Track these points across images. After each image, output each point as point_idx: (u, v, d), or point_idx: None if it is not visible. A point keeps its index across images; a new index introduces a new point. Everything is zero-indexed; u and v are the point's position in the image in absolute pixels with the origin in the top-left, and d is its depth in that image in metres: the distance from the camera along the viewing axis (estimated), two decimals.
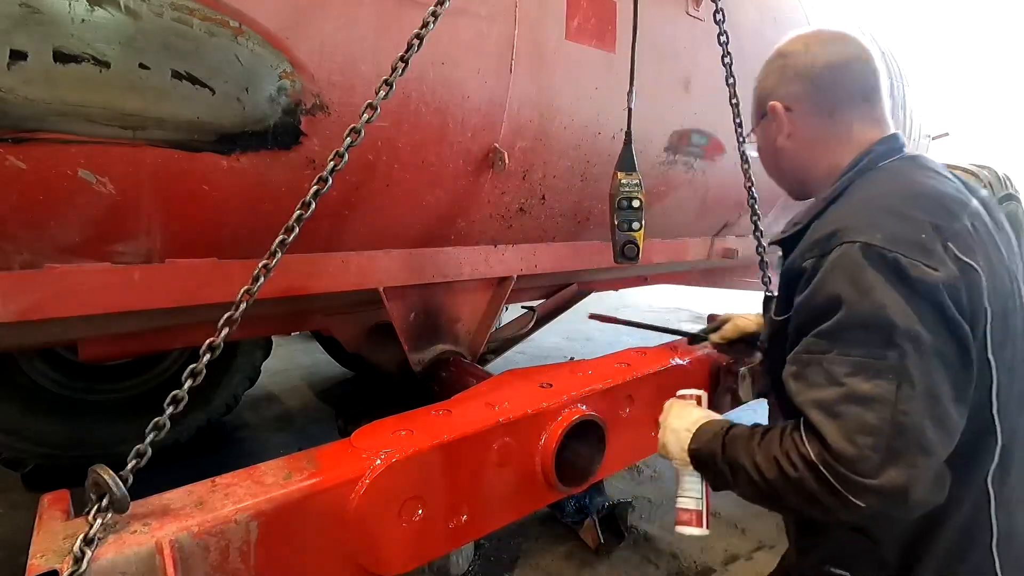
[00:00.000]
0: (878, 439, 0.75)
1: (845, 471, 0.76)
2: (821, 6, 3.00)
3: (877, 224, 0.84)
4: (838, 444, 0.77)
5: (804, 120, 1.04)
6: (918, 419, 0.76)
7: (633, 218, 1.57)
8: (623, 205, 1.56)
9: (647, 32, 1.87)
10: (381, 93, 1.09)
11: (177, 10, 1.01)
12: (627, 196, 1.57)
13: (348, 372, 4.30)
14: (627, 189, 1.57)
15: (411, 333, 1.90)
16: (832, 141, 1.04)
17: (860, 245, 0.81)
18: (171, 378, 2.96)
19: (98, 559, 0.79)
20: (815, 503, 0.81)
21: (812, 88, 1.02)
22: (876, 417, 0.76)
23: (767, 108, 1.06)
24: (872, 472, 0.75)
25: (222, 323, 0.99)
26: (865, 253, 0.81)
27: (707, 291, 5.53)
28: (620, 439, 1.54)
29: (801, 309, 0.89)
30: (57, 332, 1.46)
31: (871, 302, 0.79)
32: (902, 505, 0.77)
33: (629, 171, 1.58)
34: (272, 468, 1.04)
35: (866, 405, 0.77)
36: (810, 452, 0.80)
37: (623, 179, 1.57)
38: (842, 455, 0.76)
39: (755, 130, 1.14)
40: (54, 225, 1.11)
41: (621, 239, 1.58)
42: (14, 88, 0.91)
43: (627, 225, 1.58)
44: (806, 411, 0.83)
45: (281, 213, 1.13)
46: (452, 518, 1.22)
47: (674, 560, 2.27)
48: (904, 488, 0.75)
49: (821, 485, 0.79)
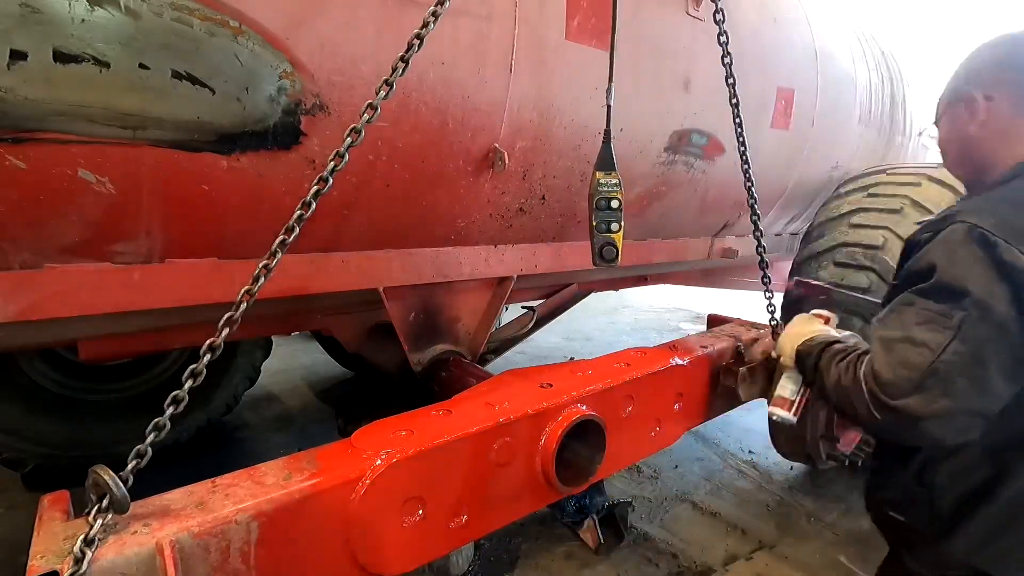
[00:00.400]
0: (912, 374, 0.92)
1: (877, 390, 0.96)
2: (821, 6, 3.00)
3: (994, 212, 0.94)
4: (881, 369, 0.96)
5: (1001, 111, 1.07)
6: (953, 371, 0.89)
7: (612, 219, 1.54)
8: (602, 205, 1.53)
9: (647, 32, 1.87)
10: (382, 93, 1.09)
11: (177, 10, 1.01)
12: (606, 196, 1.53)
13: (348, 372, 4.29)
14: (606, 189, 1.54)
15: (411, 333, 1.90)
16: (1021, 136, 1.07)
17: (968, 226, 0.93)
18: (171, 378, 2.96)
19: (98, 560, 0.79)
20: (851, 408, 1.04)
21: (1017, 82, 1.06)
22: (918, 357, 0.92)
23: (963, 95, 1.11)
24: (896, 396, 0.93)
25: (222, 323, 0.98)
26: (970, 232, 0.92)
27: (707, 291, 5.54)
28: (620, 439, 1.53)
29: (904, 273, 1.06)
30: (57, 332, 1.46)
31: (958, 272, 0.92)
32: (910, 429, 0.94)
33: (608, 171, 1.55)
34: (272, 468, 1.04)
35: (916, 347, 0.93)
36: (861, 371, 1.02)
37: (601, 179, 1.54)
38: (880, 378, 0.96)
39: (943, 116, 1.18)
40: (54, 225, 1.11)
41: (600, 241, 1.55)
42: (14, 88, 0.91)
43: (605, 226, 1.55)
44: (872, 343, 1.03)
45: (281, 213, 1.13)
46: (452, 518, 1.22)
47: (674, 560, 2.27)
48: (916, 417, 0.91)
49: (858, 396, 1.00)
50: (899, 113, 3.67)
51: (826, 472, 2.85)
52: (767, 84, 2.43)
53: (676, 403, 1.75)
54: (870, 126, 3.32)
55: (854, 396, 1.02)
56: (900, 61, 3.88)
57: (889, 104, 3.52)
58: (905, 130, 3.79)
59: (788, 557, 2.29)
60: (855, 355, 1.10)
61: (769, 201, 2.94)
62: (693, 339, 1.95)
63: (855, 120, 3.15)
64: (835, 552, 2.33)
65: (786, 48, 2.53)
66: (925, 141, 4.06)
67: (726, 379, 1.90)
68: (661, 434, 1.72)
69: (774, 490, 2.81)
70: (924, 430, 0.92)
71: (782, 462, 3.02)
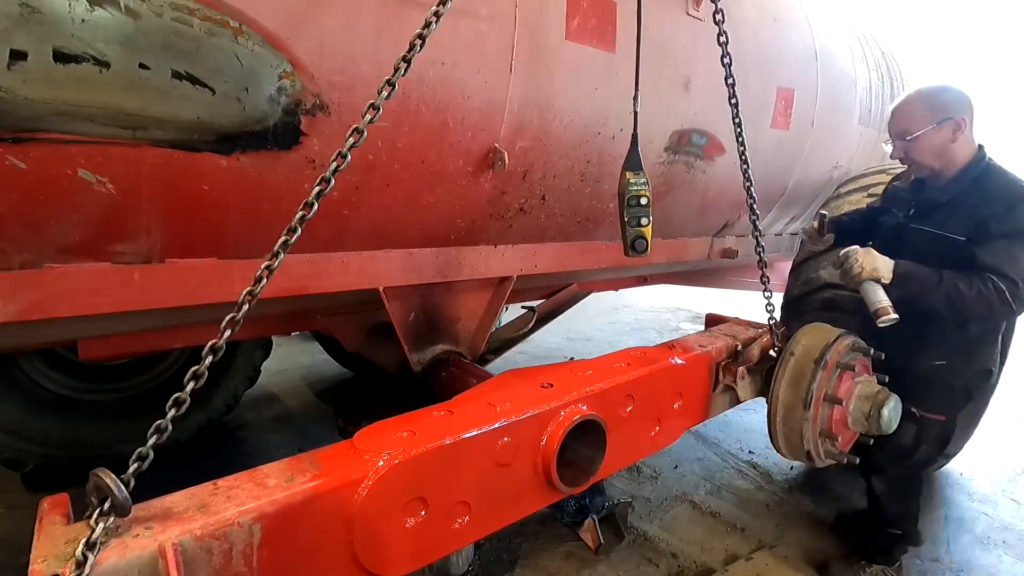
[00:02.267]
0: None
1: (1012, 291, 1.65)
2: (821, 6, 3.00)
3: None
4: (1015, 281, 1.65)
5: (967, 132, 1.80)
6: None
7: (641, 214, 1.68)
8: (632, 203, 1.67)
9: (647, 32, 1.87)
10: (384, 93, 1.09)
11: (177, 10, 1.01)
12: (635, 194, 1.67)
13: (348, 372, 4.29)
14: (635, 188, 1.67)
15: (411, 333, 1.89)
16: (968, 147, 1.83)
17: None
18: (171, 378, 2.95)
19: (101, 563, 0.79)
20: (983, 308, 1.68)
21: (972, 115, 1.80)
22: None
23: (954, 118, 1.77)
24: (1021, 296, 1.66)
25: (224, 324, 0.98)
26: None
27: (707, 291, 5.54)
28: (620, 439, 1.54)
29: (994, 231, 1.70)
30: (57, 332, 1.46)
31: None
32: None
33: (636, 170, 1.68)
34: (274, 470, 1.04)
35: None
36: (1000, 283, 1.65)
37: (631, 178, 1.67)
38: (1014, 282, 1.65)
39: (926, 131, 1.79)
40: (54, 225, 1.10)
41: (632, 234, 1.69)
42: (14, 88, 0.91)
43: (636, 221, 1.68)
44: (1004, 269, 1.66)
45: (281, 213, 1.13)
46: (454, 519, 1.22)
47: (674, 560, 2.27)
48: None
49: (1000, 298, 1.65)
50: None
51: (825, 472, 2.86)
52: (767, 84, 2.43)
53: (676, 403, 1.75)
54: (870, 126, 3.33)
55: (993, 300, 1.64)
56: (900, 61, 3.88)
57: (889, 104, 3.52)
58: None
59: (788, 557, 2.29)
60: (967, 277, 1.69)
61: (769, 201, 2.94)
62: (692, 339, 1.95)
63: (855, 120, 3.15)
64: (835, 552, 2.33)
65: (786, 48, 2.53)
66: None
67: (725, 378, 1.90)
68: (661, 434, 1.72)
69: (774, 490, 2.82)
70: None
71: (782, 462, 3.02)
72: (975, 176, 1.81)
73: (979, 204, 1.76)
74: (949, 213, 1.83)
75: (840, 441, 1.79)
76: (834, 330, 1.84)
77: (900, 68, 3.83)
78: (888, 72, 3.58)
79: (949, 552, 2.39)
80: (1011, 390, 4.13)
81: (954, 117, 1.77)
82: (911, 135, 1.82)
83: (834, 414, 1.77)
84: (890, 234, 2.01)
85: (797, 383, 1.76)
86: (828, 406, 1.76)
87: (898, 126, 1.87)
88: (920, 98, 1.85)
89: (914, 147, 1.83)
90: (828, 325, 1.90)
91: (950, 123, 1.77)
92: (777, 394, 1.79)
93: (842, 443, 1.81)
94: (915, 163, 1.88)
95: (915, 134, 1.81)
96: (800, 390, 1.75)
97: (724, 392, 1.94)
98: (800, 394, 1.75)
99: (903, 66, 3.89)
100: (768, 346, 1.93)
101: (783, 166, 2.82)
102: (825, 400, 1.75)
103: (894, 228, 2.01)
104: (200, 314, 1.34)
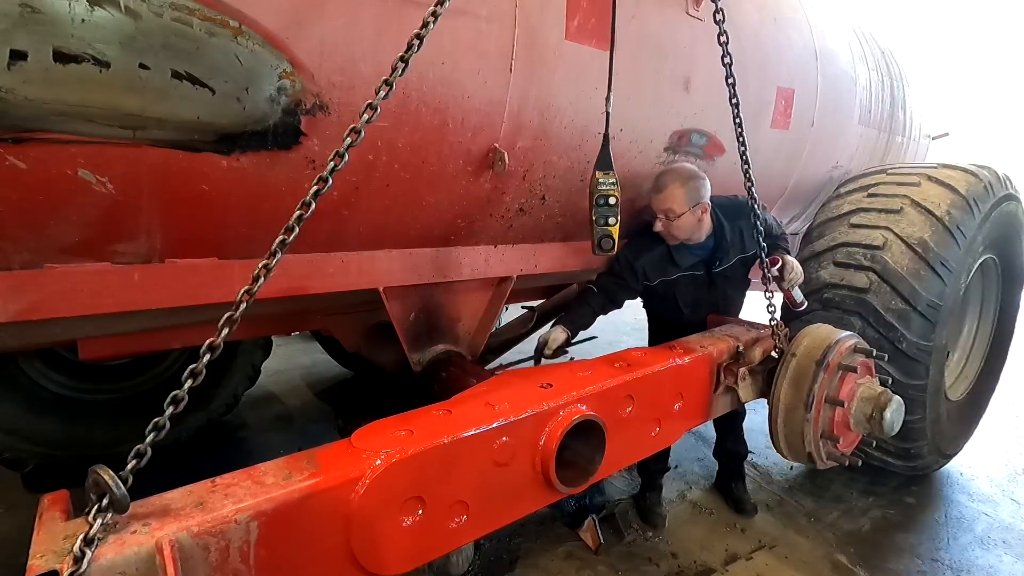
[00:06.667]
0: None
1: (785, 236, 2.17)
2: (821, 6, 3.00)
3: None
4: (783, 234, 2.18)
5: (706, 209, 2.04)
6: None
7: (609, 214, 1.73)
8: (600, 202, 1.72)
9: (647, 32, 1.87)
10: (381, 93, 1.09)
11: (177, 10, 1.01)
12: (604, 194, 1.71)
13: (348, 372, 4.29)
14: (604, 187, 1.71)
15: (411, 333, 1.90)
16: (707, 220, 2.08)
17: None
18: (171, 378, 2.96)
19: (98, 559, 0.79)
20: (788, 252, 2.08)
21: (707, 194, 2.03)
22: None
23: (700, 204, 1.99)
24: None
25: (222, 323, 0.98)
26: None
27: None
28: (620, 439, 1.53)
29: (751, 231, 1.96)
30: (57, 332, 1.46)
31: None
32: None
33: (606, 170, 1.72)
34: (272, 468, 1.04)
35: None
36: (782, 241, 2.19)
37: (600, 178, 1.71)
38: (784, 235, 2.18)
39: (689, 212, 1.97)
40: (54, 225, 1.11)
41: (599, 233, 1.75)
42: (14, 88, 0.91)
43: (604, 220, 1.74)
44: (776, 232, 2.17)
45: (281, 213, 1.13)
46: (452, 518, 1.22)
47: (674, 560, 2.27)
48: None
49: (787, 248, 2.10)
50: (899, 113, 3.67)
51: (826, 472, 2.86)
52: (767, 84, 2.43)
53: (676, 403, 1.75)
54: (870, 126, 3.32)
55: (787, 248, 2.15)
56: (900, 61, 3.88)
57: (889, 104, 3.52)
58: (905, 130, 3.79)
59: (788, 557, 2.29)
60: (781, 253, 2.10)
61: (769, 201, 2.94)
62: (693, 339, 1.95)
63: (855, 120, 3.15)
64: (835, 552, 2.33)
65: (786, 48, 2.53)
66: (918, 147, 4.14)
67: (726, 379, 1.90)
68: (661, 434, 1.72)
69: (774, 490, 2.81)
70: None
71: (782, 462, 3.02)
72: (718, 224, 2.11)
73: (732, 230, 2.12)
74: (723, 253, 2.13)
75: (841, 443, 1.79)
76: (836, 331, 1.84)
77: (900, 68, 3.83)
78: (888, 71, 3.58)
79: (949, 552, 2.39)
80: (1011, 390, 4.13)
81: (702, 201, 1.99)
82: (674, 209, 1.98)
83: (835, 416, 1.77)
84: (699, 280, 2.22)
85: (798, 384, 1.76)
86: (830, 408, 1.76)
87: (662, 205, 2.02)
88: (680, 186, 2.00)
89: (679, 221, 2.00)
90: (830, 326, 1.90)
91: (699, 206, 1.98)
92: (778, 395, 1.79)
93: (843, 444, 1.81)
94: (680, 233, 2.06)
95: (675, 210, 1.98)
96: (801, 391, 1.75)
97: (725, 393, 1.94)
98: (801, 395, 1.74)
99: (903, 66, 3.89)
100: (770, 347, 1.93)
101: (783, 166, 2.82)
102: (826, 402, 1.75)
103: (703, 277, 2.21)
104: (200, 314, 1.35)
